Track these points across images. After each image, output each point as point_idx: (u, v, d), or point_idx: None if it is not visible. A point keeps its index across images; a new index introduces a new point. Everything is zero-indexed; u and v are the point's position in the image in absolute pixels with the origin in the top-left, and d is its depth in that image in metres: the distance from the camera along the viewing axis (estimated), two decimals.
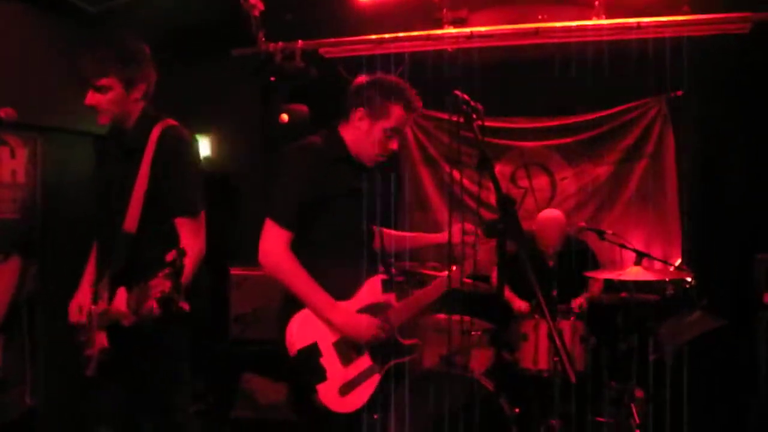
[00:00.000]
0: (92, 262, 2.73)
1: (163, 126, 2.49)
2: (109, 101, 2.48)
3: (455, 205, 4.50)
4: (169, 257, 2.06)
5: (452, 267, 2.85)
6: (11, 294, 3.80)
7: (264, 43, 4.93)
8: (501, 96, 4.87)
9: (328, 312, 2.41)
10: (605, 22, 4.56)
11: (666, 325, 4.12)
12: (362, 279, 2.56)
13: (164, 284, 2.05)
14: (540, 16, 4.76)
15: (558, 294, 4.06)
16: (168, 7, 4.74)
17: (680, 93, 4.87)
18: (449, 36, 4.79)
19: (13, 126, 4.20)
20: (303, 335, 2.39)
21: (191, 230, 2.46)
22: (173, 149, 2.46)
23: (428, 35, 4.83)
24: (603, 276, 4.18)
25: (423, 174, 5.45)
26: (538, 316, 3.96)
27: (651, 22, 4.49)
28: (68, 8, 4.54)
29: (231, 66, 5.23)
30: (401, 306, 2.64)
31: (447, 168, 5.32)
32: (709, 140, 4.83)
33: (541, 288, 4.03)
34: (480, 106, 2.25)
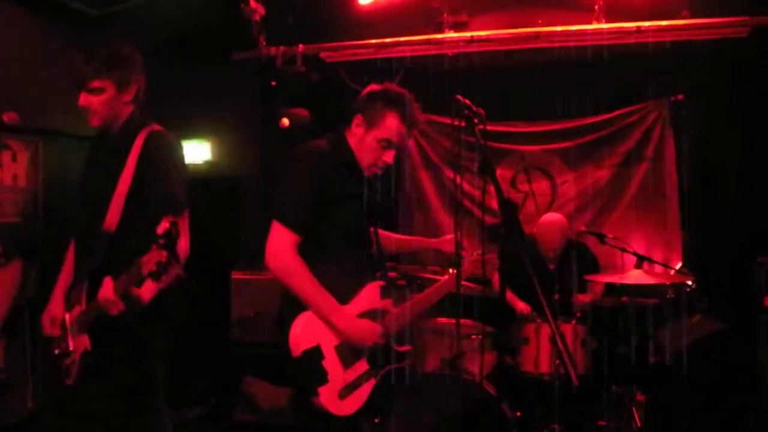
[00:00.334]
0: (66, 270, 2.75)
1: (149, 130, 2.56)
2: (102, 103, 2.54)
3: (458, 210, 4.49)
4: (161, 229, 2.11)
5: (450, 270, 2.86)
6: (12, 297, 3.80)
7: (265, 47, 4.95)
8: (501, 100, 4.88)
9: (333, 316, 2.41)
10: (605, 26, 4.58)
11: (667, 329, 4.14)
12: (360, 284, 2.56)
13: (160, 254, 2.10)
14: (540, 21, 4.78)
15: (559, 298, 4.06)
16: (169, 11, 4.77)
17: (681, 97, 4.88)
18: (450, 40, 4.81)
19: (15, 130, 4.23)
20: (307, 337, 2.39)
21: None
22: (158, 151, 2.52)
23: (429, 39, 4.85)
24: (604, 279, 4.18)
25: (423, 177, 5.46)
26: (540, 320, 3.96)
27: (650, 26, 4.51)
28: (69, 12, 4.57)
29: (232, 70, 5.24)
30: (398, 313, 2.63)
31: (447, 172, 5.34)
32: (710, 144, 4.84)
33: (543, 292, 4.05)
34: (482, 111, 2.26)
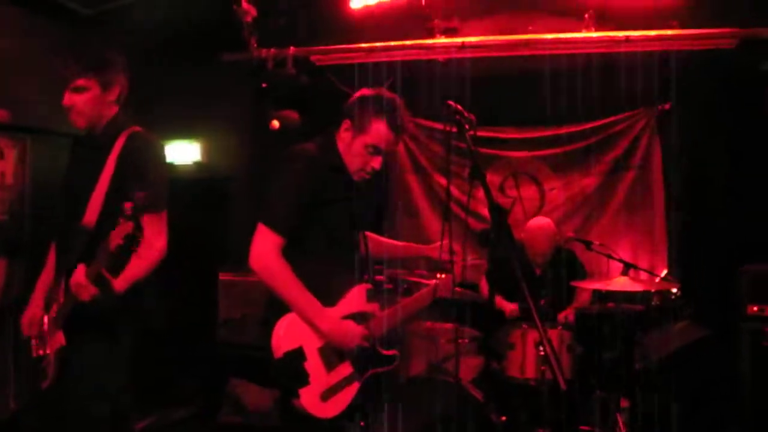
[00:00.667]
0: (46, 271, 2.75)
1: (131, 131, 2.61)
2: (86, 102, 2.58)
3: (447, 216, 4.51)
4: (128, 204, 2.24)
5: (438, 275, 2.87)
6: None
7: (256, 49, 4.94)
8: (491, 106, 4.90)
9: (316, 317, 2.42)
10: (594, 35, 4.62)
11: (652, 335, 4.17)
12: (346, 286, 2.56)
13: (126, 226, 2.22)
14: (531, 28, 4.81)
15: (546, 303, 4.09)
16: (161, 12, 4.76)
17: (668, 106, 4.93)
18: (441, 46, 4.83)
19: (4, 127, 4.21)
20: (289, 338, 2.40)
21: (154, 228, 2.53)
22: (138, 151, 2.57)
23: (420, 45, 4.86)
24: (590, 286, 4.21)
25: (412, 182, 5.48)
26: (526, 326, 3.98)
27: (639, 36, 4.55)
28: (62, 11, 4.55)
29: (223, 71, 5.23)
30: (384, 316, 2.64)
31: (437, 176, 5.35)
32: (696, 153, 4.89)
33: (534, 297, 4.07)
34: (473, 117, 2.27)
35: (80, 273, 2.37)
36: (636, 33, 4.56)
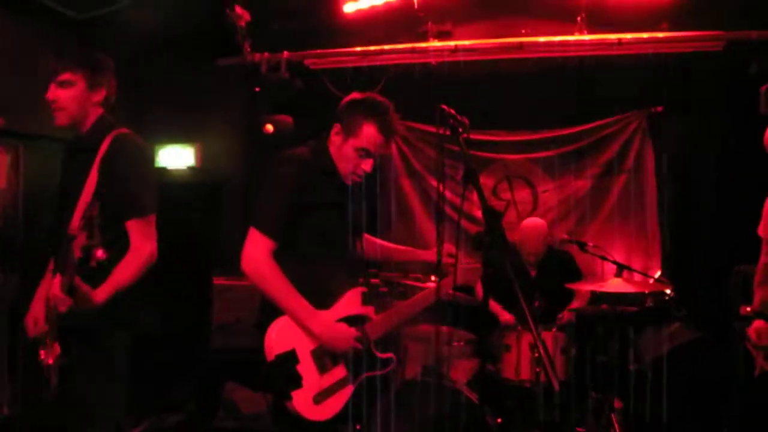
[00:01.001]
0: (47, 277, 2.67)
1: (116, 134, 2.49)
2: (70, 98, 2.49)
3: (441, 218, 4.52)
4: (76, 224, 2.12)
5: (432, 277, 2.88)
6: None
7: (250, 53, 4.95)
8: (484, 109, 4.91)
9: (307, 320, 2.43)
10: (587, 38, 4.64)
11: (645, 336, 4.18)
12: (343, 290, 2.58)
13: (81, 237, 2.09)
14: (523, 31, 4.83)
15: (540, 305, 4.09)
16: (154, 16, 4.75)
17: (660, 108, 4.96)
18: (434, 49, 4.85)
19: None
20: (282, 341, 2.41)
21: (141, 233, 2.43)
22: (121, 154, 2.46)
23: (413, 48, 4.88)
24: (584, 288, 4.22)
25: (405, 185, 5.48)
26: (521, 328, 3.98)
27: (631, 39, 4.58)
28: (54, 16, 4.54)
29: (217, 75, 5.23)
30: (380, 320, 2.65)
31: (431, 179, 5.36)
32: (688, 154, 4.92)
33: (525, 299, 4.06)
34: (466, 120, 2.28)
35: (56, 284, 2.27)
36: (628, 36, 4.59)
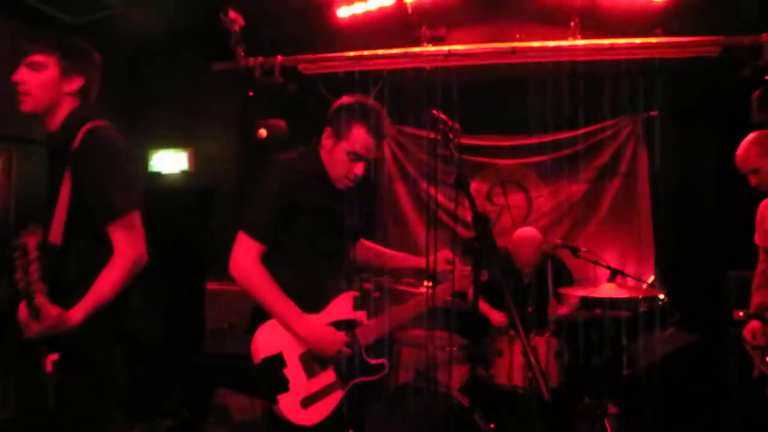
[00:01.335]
0: None
1: (89, 127, 2.22)
2: (39, 84, 2.24)
3: (434, 224, 4.51)
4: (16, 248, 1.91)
5: (426, 282, 2.87)
6: None
7: (243, 58, 4.94)
8: (478, 113, 4.91)
9: (295, 323, 2.43)
10: (581, 43, 4.64)
11: (639, 342, 4.18)
12: (334, 294, 2.57)
13: (18, 273, 1.91)
14: (517, 35, 4.83)
15: (533, 311, 4.09)
16: (148, 21, 4.74)
17: (654, 113, 4.96)
18: (427, 54, 4.84)
19: None
20: (268, 344, 2.41)
21: (124, 237, 2.19)
22: (93, 150, 2.20)
23: (406, 53, 4.87)
24: (577, 293, 4.21)
25: (399, 189, 5.47)
26: (514, 332, 3.97)
27: (625, 44, 4.58)
28: (47, 20, 4.52)
29: (211, 80, 5.22)
30: (371, 324, 2.64)
31: (425, 185, 5.36)
32: (682, 159, 4.92)
33: (517, 305, 4.05)
34: (457, 125, 2.28)
35: (22, 309, 2.07)
36: (621, 41, 4.59)
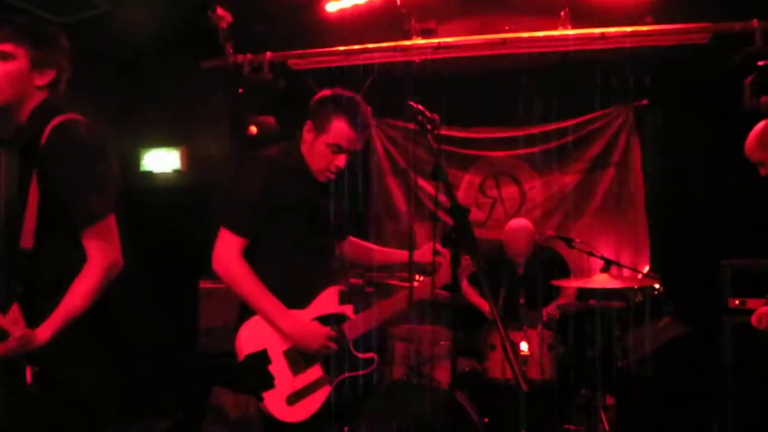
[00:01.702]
0: None
1: (58, 121, 2.05)
2: (8, 74, 2.07)
3: (420, 216, 4.51)
4: None
5: (418, 277, 2.85)
6: None
7: (232, 55, 4.92)
8: (469, 106, 4.90)
9: (277, 318, 2.42)
10: (570, 32, 4.60)
11: (634, 332, 4.16)
12: (318, 289, 2.56)
13: None
14: (507, 27, 4.80)
15: (527, 302, 4.07)
16: (137, 20, 4.72)
17: (645, 102, 4.93)
18: (417, 47, 4.81)
19: None
20: (252, 341, 2.40)
21: (98, 244, 2.05)
22: (63, 147, 2.03)
23: (396, 46, 4.83)
24: (570, 284, 4.19)
25: (392, 184, 5.46)
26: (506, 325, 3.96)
27: (615, 33, 4.54)
28: (35, 19, 4.50)
29: (202, 78, 5.20)
30: (358, 319, 2.62)
31: (415, 177, 5.34)
32: (675, 148, 4.89)
33: (511, 296, 4.02)
34: (436, 117, 2.26)
35: None
36: (611, 30, 4.55)
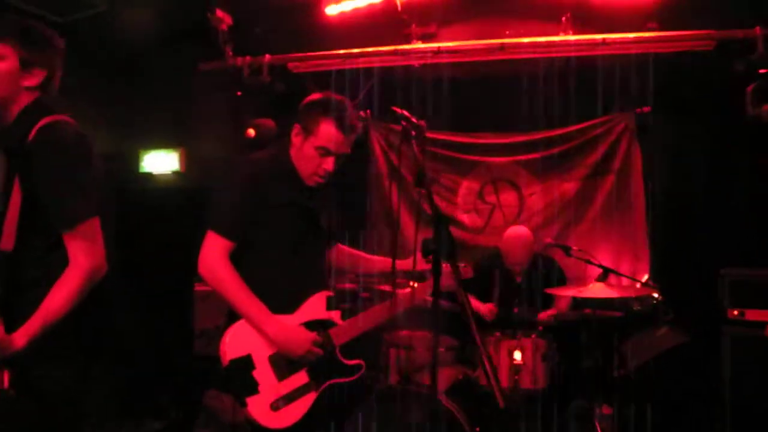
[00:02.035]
0: None
1: (44, 122, 2.03)
2: None
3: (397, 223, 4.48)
4: None
5: (412, 283, 2.83)
6: None
7: (232, 57, 4.91)
8: (469, 111, 4.87)
9: (262, 322, 2.40)
10: (572, 38, 4.57)
11: (632, 341, 4.11)
12: (307, 294, 2.54)
13: None
14: (507, 32, 4.76)
15: (522, 310, 4.03)
16: (137, 21, 4.72)
17: (647, 109, 4.88)
18: (417, 51, 4.78)
19: None
20: (236, 346, 2.39)
21: (80, 247, 2.03)
22: (46, 148, 2.01)
23: (396, 50, 4.81)
24: (564, 293, 4.15)
25: (389, 188, 5.42)
26: (500, 333, 3.92)
27: (617, 39, 4.50)
28: (34, 19, 4.51)
29: (201, 80, 5.20)
30: (345, 325, 2.60)
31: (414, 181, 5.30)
32: (675, 156, 4.84)
33: (509, 304, 3.99)
34: (422, 122, 2.24)
35: None
36: (614, 35, 4.51)
